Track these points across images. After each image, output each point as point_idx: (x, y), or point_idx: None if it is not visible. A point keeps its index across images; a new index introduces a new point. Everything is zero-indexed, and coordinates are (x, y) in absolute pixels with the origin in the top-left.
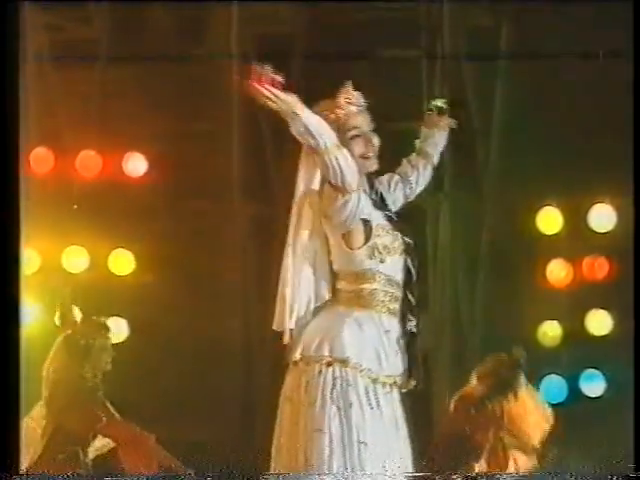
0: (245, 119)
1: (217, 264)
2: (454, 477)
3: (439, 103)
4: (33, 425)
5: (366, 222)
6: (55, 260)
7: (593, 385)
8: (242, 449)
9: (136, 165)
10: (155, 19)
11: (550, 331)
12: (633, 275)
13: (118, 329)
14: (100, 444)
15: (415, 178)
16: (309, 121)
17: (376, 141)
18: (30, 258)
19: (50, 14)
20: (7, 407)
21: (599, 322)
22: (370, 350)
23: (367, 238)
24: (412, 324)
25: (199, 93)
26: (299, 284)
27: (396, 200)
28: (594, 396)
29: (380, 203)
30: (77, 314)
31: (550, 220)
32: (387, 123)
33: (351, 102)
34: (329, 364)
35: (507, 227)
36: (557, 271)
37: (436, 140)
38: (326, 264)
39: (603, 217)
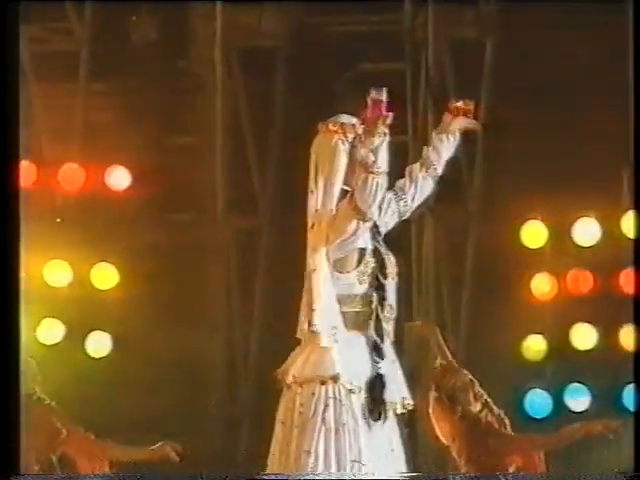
0: (228, 132)
1: (201, 277)
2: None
3: (459, 103)
4: None
5: (361, 249)
6: (37, 274)
7: (578, 399)
8: (224, 464)
9: (119, 178)
10: (138, 32)
11: (535, 345)
12: (634, 286)
13: (101, 343)
14: None
15: (412, 194)
16: (386, 144)
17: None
18: None
19: (31, 26)
20: (7, 407)
21: (584, 336)
22: (360, 370)
23: (358, 263)
24: (379, 366)
25: (182, 106)
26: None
27: (388, 222)
28: (579, 410)
29: (374, 229)
30: None
31: (535, 234)
32: None
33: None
34: (322, 383)
35: (492, 241)
36: (542, 285)
37: (442, 147)
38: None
39: (588, 231)
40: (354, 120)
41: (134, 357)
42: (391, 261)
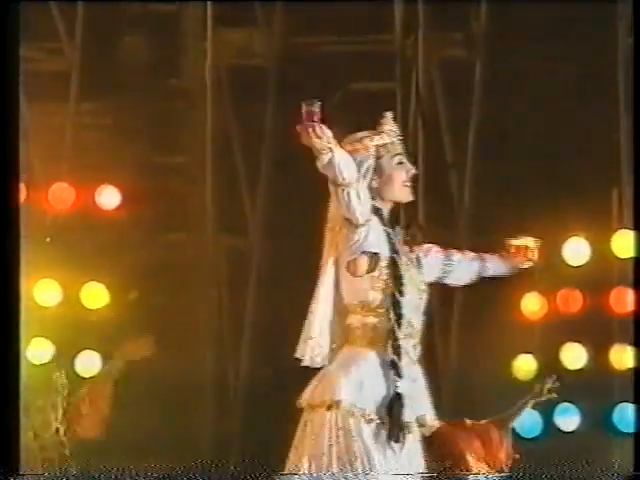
0: (219, 151)
1: (191, 297)
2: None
3: (519, 241)
4: None
5: (373, 254)
6: (27, 293)
7: (568, 419)
8: None
9: (109, 198)
10: (129, 50)
11: (525, 365)
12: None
13: (91, 363)
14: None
15: (456, 265)
16: (339, 156)
17: (413, 171)
18: None
19: (22, 45)
20: (7, 408)
21: (574, 356)
22: (372, 391)
23: (372, 269)
24: (397, 385)
25: (173, 125)
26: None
27: (431, 268)
28: (569, 430)
29: (391, 242)
30: None
31: None
32: None
33: (393, 130)
34: (329, 407)
35: None
36: (532, 304)
37: (500, 266)
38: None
39: (578, 250)
40: (366, 133)
41: (124, 376)
42: (413, 279)
